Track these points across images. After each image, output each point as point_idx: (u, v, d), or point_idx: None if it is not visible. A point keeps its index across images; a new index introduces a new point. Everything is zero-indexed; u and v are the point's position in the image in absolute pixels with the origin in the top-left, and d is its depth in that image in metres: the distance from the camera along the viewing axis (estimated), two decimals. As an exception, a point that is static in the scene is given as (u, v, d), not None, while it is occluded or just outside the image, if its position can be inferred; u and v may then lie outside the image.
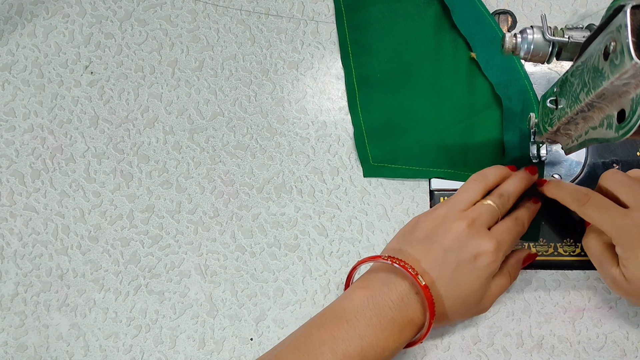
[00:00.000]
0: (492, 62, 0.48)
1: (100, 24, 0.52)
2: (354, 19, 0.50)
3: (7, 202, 0.48)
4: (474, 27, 0.48)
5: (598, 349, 0.43)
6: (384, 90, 0.49)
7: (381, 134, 0.48)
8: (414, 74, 0.49)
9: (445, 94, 0.48)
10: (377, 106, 0.49)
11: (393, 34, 0.50)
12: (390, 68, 0.49)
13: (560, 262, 0.45)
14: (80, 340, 0.45)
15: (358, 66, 0.49)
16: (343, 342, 0.36)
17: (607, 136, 0.32)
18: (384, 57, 0.49)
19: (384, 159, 0.47)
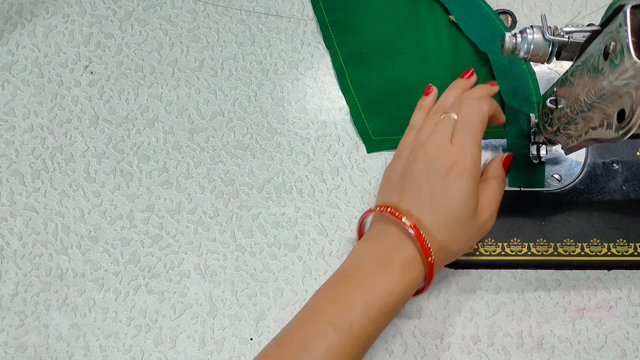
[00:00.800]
0: (470, 22, 0.48)
1: (100, 24, 0.52)
2: (329, 1, 0.51)
3: (7, 202, 0.48)
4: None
5: (598, 349, 0.43)
6: (372, 65, 0.49)
7: (377, 108, 0.48)
8: (398, 44, 0.49)
9: (431, 58, 0.49)
10: (368, 81, 0.49)
11: (371, 8, 0.50)
12: (374, 42, 0.50)
13: (560, 262, 0.45)
14: (80, 340, 0.45)
15: (342, 45, 0.50)
16: (345, 294, 0.37)
17: (607, 136, 0.32)
18: (366, 33, 0.50)
19: (384, 132, 0.48)
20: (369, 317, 0.36)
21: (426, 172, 0.38)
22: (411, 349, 0.43)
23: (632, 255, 0.44)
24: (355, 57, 0.50)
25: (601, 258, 0.44)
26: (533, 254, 0.45)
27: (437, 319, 0.44)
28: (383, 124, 0.48)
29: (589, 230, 0.45)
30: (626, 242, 0.44)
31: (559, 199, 0.45)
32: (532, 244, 0.45)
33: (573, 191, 0.46)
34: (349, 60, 0.50)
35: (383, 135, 0.48)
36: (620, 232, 0.45)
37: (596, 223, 0.45)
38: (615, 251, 0.44)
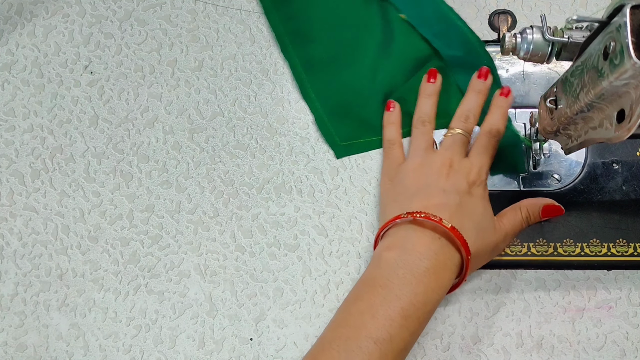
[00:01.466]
0: (422, 17, 0.48)
1: (100, 24, 0.52)
2: (287, 11, 0.50)
3: (7, 202, 0.48)
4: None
5: (598, 349, 0.43)
6: (332, 71, 0.49)
7: (341, 113, 0.48)
8: (355, 47, 0.49)
9: (389, 58, 0.48)
10: (329, 87, 0.49)
11: (327, 14, 0.50)
12: (332, 48, 0.50)
13: (560, 262, 0.45)
14: (80, 340, 0.45)
15: (300, 54, 0.50)
16: (382, 307, 0.36)
17: (607, 136, 0.32)
18: (324, 39, 0.50)
19: (350, 136, 0.48)
20: (407, 329, 0.36)
21: (452, 183, 0.40)
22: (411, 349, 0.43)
23: (632, 255, 0.44)
24: (314, 65, 0.49)
25: (601, 258, 0.44)
26: (533, 254, 0.45)
27: (437, 319, 0.44)
28: (349, 129, 0.48)
29: (589, 230, 0.45)
30: (626, 242, 0.44)
31: (559, 199, 0.45)
32: (532, 244, 0.45)
33: (573, 191, 0.46)
34: (309, 69, 0.49)
35: (350, 139, 0.48)
36: (620, 232, 0.45)
37: (596, 223, 0.45)
38: (615, 251, 0.44)
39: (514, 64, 0.49)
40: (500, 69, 0.49)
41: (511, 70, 0.49)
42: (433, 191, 0.40)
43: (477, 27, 0.50)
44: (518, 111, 0.48)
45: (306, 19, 0.50)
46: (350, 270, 0.45)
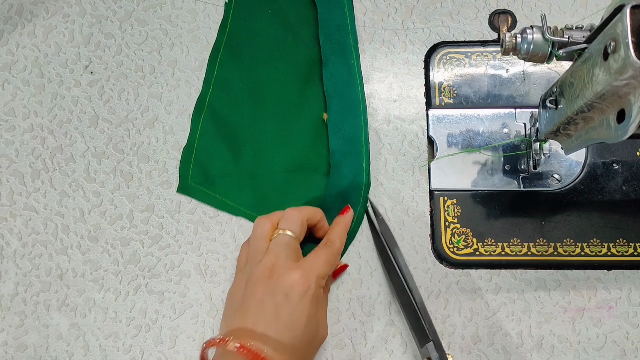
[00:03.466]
0: (339, 128, 0.47)
1: (100, 24, 0.52)
2: (236, 35, 0.50)
3: (7, 202, 0.48)
4: (340, 87, 0.48)
5: (598, 349, 0.43)
6: (230, 117, 0.49)
7: (210, 157, 0.48)
8: (265, 112, 0.49)
9: (285, 143, 0.48)
10: (217, 130, 0.48)
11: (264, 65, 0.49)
12: (246, 94, 0.49)
13: (560, 262, 0.45)
14: (80, 340, 0.45)
15: (214, 99, 0.49)
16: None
17: (607, 136, 0.32)
18: (246, 81, 0.49)
19: (202, 182, 0.47)
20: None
21: (270, 291, 0.38)
22: (411, 349, 0.43)
23: (632, 255, 0.44)
24: (218, 111, 0.49)
25: (601, 258, 0.44)
26: (533, 254, 0.45)
27: (437, 319, 0.44)
28: (206, 175, 0.47)
29: (589, 230, 0.45)
30: (626, 242, 0.45)
31: (559, 199, 0.45)
32: (532, 244, 0.45)
33: (573, 191, 0.46)
34: (214, 101, 0.49)
35: (200, 184, 0.47)
36: (620, 232, 0.45)
37: (596, 223, 0.45)
38: (615, 251, 0.44)
39: (514, 64, 0.49)
40: (500, 69, 0.49)
41: (511, 70, 0.49)
42: (251, 304, 0.38)
43: (477, 27, 0.50)
44: (518, 111, 0.48)
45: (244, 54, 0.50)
46: (351, 270, 0.45)
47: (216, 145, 0.48)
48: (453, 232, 0.46)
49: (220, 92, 0.49)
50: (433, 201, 0.46)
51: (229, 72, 0.49)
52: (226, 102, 0.49)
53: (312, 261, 0.39)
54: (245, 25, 0.50)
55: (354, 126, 0.47)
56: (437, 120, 0.48)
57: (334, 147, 0.47)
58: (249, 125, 0.48)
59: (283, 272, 0.38)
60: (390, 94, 0.49)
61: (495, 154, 0.47)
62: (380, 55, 0.50)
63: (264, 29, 0.50)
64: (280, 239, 0.40)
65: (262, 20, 0.50)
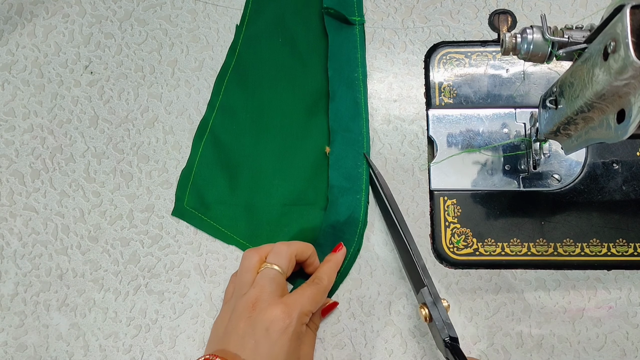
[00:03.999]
0: (341, 164, 0.46)
1: (100, 24, 0.52)
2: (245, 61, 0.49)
3: (7, 202, 0.48)
4: (345, 122, 0.47)
5: (598, 349, 0.43)
6: (231, 144, 0.48)
7: (207, 183, 0.47)
8: (267, 142, 0.48)
9: (284, 175, 0.47)
10: (217, 156, 0.48)
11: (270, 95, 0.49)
12: (250, 122, 0.48)
13: (560, 262, 0.45)
14: (80, 340, 0.45)
15: (216, 124, 0.48)
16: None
17: (607, 136, 0.32)
18: (251, 110, 0.49)
19: (197, 207, 0.47)
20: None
21: (251, 326, 0.37)
22: (411, 349, 0.43)
23: (632, 255, 0.44)
24: (222, 129, 0.48)
25: (601, 258, 0.44)
26: (533, 254, 0.45)
27: (437, 319, 0.44)
28: (201, 200, 0.47)
29: (589, 230, 0.45)
30: (626, 242, 0.45)
31: (559, 199, 0.46)
32: (532, 244, 0.45)
33: (573, 191, 0.46)
34: (217, 126, 0.48)
35: (195, 209, 0.47)
36: (620, 232, 0.45)
37: (596, 223, 0.45)
38: (615, 251, 0.44)
39: (514, 64, 0.49)
40: (500, 69, 0.49)
41: (511, 70, 0.49)
42: (231, 339, 0.37)
43: (477, 27, 0.50)
44: (518, 111, 0.48)
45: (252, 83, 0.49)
46: (351, 270, 0.45)
47: (215, 171, 0.48)
48: (453, 232, 0.46)
49: (224, 118, 0.49)
50: (433, 201, 0.46)
51: (234, 98, 0.49)
52: (228, 129, 0.48)
53: (296, 297, 0.39)
54: (255, 51, 0.50)
55: (356, 163, 0.46)
56: (437, 120, 0.48)
57: (333, 182, 0.46)
58: (250, 154, 0.48)
59: (265, 306, 0.38)
60: (390, 94, 0.49)
61: (495, 154, 0.47)
62: (380, 55, 0.50)
63: (273, 57, 0.50)
64: (266, 273, 0.40)
65: (272, 47, 0.50)
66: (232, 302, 0.40)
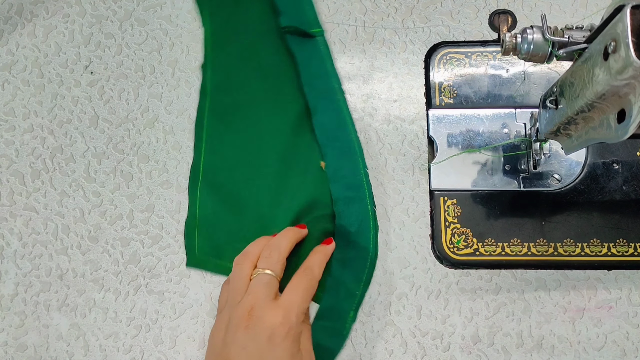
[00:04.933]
0: (339, 175, 0.46)
1: (100, 24, 0.52)
2: (218, 102, 0.48)
3: (7, 202, 0.48)
4: (332, 133, 0.47)
5: (598, 349, 0.43)
6: (229, 179, 0.47)
7: (213, 226, 0.46)
8: (261, 171, 0.47)
9: (286, 198, 0.46)
10: (217, 196, 0.47)
11: (253, 123, 0.48)
12: (240, 156, 0.47)
13: (560, 262, 0.45)
14: (80, 340, 0.45)
15: (209, 150, 0.47)
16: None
17: (607, 136, 0.32)
18: (238, 145, 0.48)
19: (210, 252, 0.46)
20: None
21: (252, 336, 0.37)
22: (411, 349, 0.43)
23: (632, 255, 0.44)
24: (214, 169, 0.47)
25: (601, 258, 0.44)
26: (533, 254, 0.45)
27: (437, 319, 0.44)
28: (212, 245, 0.46)
29: (589, 230, 0.45)
30: (626, 242, 0.44)
31: (559, 199, 0.45)
32: (532, 244, 0.45)
33: (573, 191, 0.46)
34: (208, 170, 0.47)
35: (208, 254, 0.46)
36: (620, 232, 0.45)
37: (596, 223, 0.45)
38: (615, 251, 0.44)
39: (514, 64, 0.49)
40: (501, 69, 0.49)
41: (511, 70, 0.49)
42: (232, 350, 0.37)
43: (477, 27, 0.50)
44: (518, 111, 0.48)
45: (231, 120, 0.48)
46: (351, 270, 0.45)
47: (218, 213, 0.46)
48: (453, 232, 0.46)
49: (213, 160, 0.48)
50: (433, 201, 0.46)
51: (218, 137, 0.48)
52: (220, 168, 0.47)
53: (292, 298, 0.39)
54: (226, 88, 0.49)
55: (354, 171, 0.46)
56: (437, 120, 0.48)
57: (336, 195, 0.45)
58: (247, 187, 0.47)
59: (262, 313, 0.37)
60: (391, 94, 0.49)
61: (495, 154, 0.47)
62: (380, 55, 0.50)
63: (245, 88, 0.49)
64: (260, 279, 0.39)
65: (243, 79, 0.49)
66: (226, 312, 0.39)
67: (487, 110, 0.48)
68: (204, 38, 0.50)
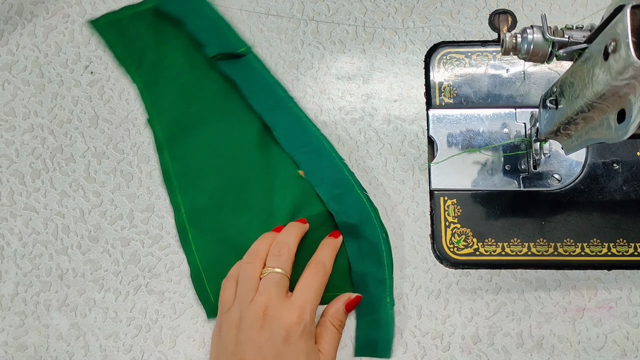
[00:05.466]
0: (321, 177, 0.46)
1: (100, 24, 0.52)
2: (177, 149, 0.47)
3: (7, 202, 0.48)
4: (298, 140, 0.47)
5: (598, 349, 0.43)
6: (216, 220, 0.46)
7: (218, 270, 0.45)
8: (245, 197, 0.46)
9: (277, 214, 0.46)
10: (212, 240, 0.46)
11: (219, 157, 0.47)
12: (220, 194, 0.47)
13: (560, 262, 0.45)
14: (80, 340, 0.45)
15: (186, 200, 0.47)
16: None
17: (607, 136, 0.32)
18: (212, 184, 0.47)
19: None
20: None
21: (267, 335, 0.37)
22: (411, 349, 0.44)
23: (632, 255, 0.44)
24: (199, 213, 0.46)
25: (601, 258, 0.44)
26: (533, 254, 0.45)
27: (437, 319, 0.44)
28: None
29: (589, 230, 0.45)
30: (626, 242, 0.45)
31: (559, 199, 0.45)
32: (532, 244, 0.45)
33: (573, 191, 0.46)
34: (193, 217, 0.46)
35: None
36: (620, 232, 0.45)
37: (596, 223, 0.45)
38: (615, 251, 0.44)
39: (514, 64, 0.49)
40: (501, 69, 0.49)
41: (511, 70, 0.49)
42: (247, 349, 0.37)
43: (477, 27, 0.50)
44: (518, 111, 0.48)
45: (196, 160, 0.47)
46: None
47: (219, 257, 0.46)
48: (453, 232, 0.46)
49: (194, 207, 0.47)
50: (433, 201, 0.46)
51: (191, 185, 0.47)
52: (204, 212, 0.46)
53: (305, 296, 0.39)
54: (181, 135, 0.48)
55: (332, 167, 0.46)
56: (437, 120, 0.48)
57: (326, 197, 0.45)
58: (237, 220, 0.46)
59: (277, 313, 0.38)
60: (391, 94, 0.49)
61: (495, 154, 0.47)
62: (380, 55, 0.50)
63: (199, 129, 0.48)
64: (270, 278, 0.40)
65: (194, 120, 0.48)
66: (236, 311, 0.39)
67: (487, 110, 0.48)
68: (139, 93, 0.49)
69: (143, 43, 0.50)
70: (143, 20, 0.50)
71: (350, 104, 0.49)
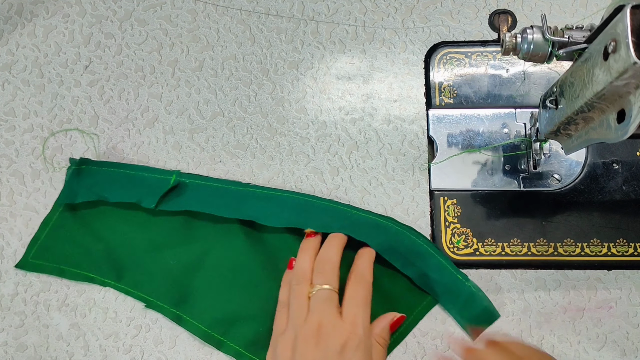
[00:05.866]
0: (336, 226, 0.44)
1: (100, 24, 0.52)
2: (189, 305, 0.45)
3: (7, 202, 0.48)
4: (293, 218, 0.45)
5: (598, 348, 0.43)
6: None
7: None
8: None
9: None
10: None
11: (226, 283, 0.45)
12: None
13: (560, 262, 0.45)
14: (80, 340, 0.45)
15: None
16: None
17: (607, 136, 0.32)
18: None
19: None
20: None
21: (322, 352, 0.37)
22: (411, 349, 0.43)
23: (632, 255, 0.44)
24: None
25: (601, 258, 0.44)
26: (533, 254, 0.45)
27: (437, 319, 0.44)
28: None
29: (589, 230, 0.45)
30: (626, 242, 0.45)
31: (559, 199, 0.46)
32: (532, 244, 0.45)
33: (573, 191, 0.46)
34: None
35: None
36: (620, 232, 0.45)
37: (596, 223, 0.45)
38: (615, 251, 0.44)
39: (514, 64, 0.49)
40: (501, 69, 0.49)
41: (511, 70, 0.49)
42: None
43: (477, 27, 0.50)
44: (518, 111, 0.48)
45: (212, 301, 0.45)
46: (351, 270, 0.45)
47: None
48: (453, 232, 0.46)
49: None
50: (433, 201, 0.46)
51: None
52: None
53: (355, 311, 0.39)
54: (190, 295, 0.45)
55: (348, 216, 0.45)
56: (437, 120, 0.48)
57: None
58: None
59: (331, 329, 0.38)
60: (391, 94, 0.49)
61: (495, 154, 0.47)
62: (380, 55, 0.50)
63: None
64: (320, 295, 0.39)
65: (192, 276, 0.45)
66: (290, 332, 0.39)
67: (487, 110, 0.48)
68: (124, 292, 0.46)
69: (84, 246, 0.46)
70: (65, 227, 0.46)
71: (350, 104, 0.49)
